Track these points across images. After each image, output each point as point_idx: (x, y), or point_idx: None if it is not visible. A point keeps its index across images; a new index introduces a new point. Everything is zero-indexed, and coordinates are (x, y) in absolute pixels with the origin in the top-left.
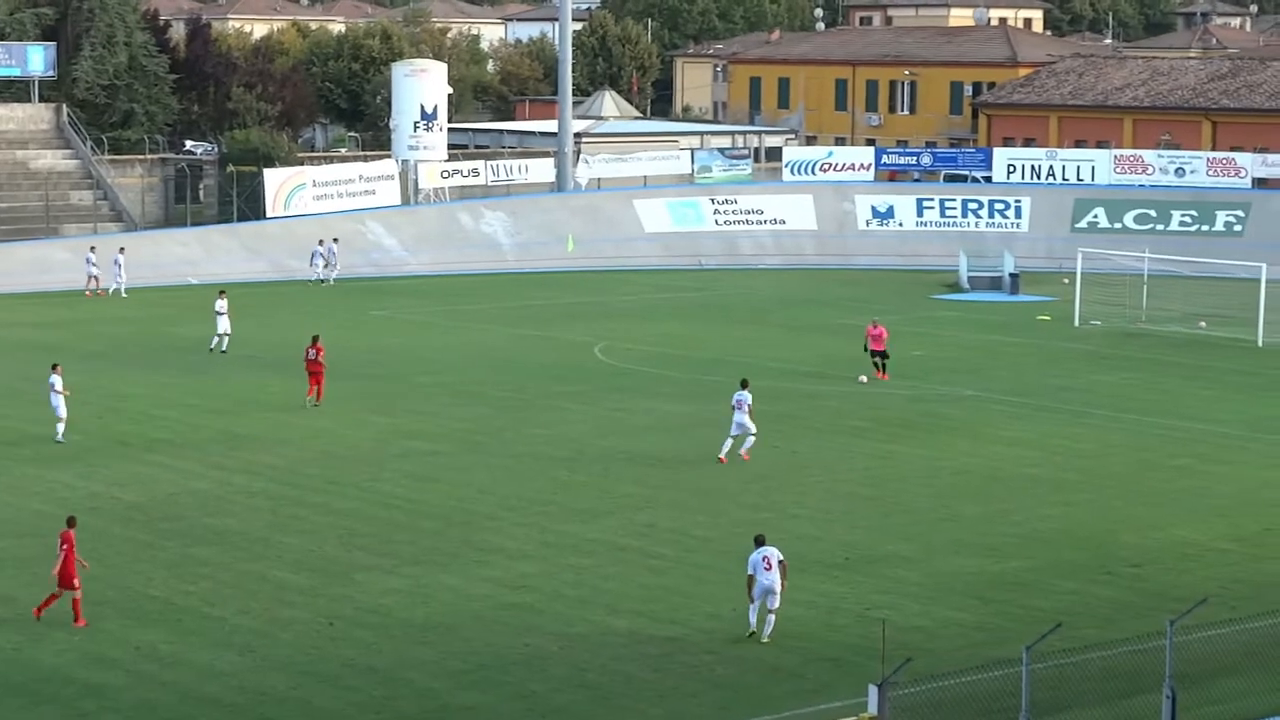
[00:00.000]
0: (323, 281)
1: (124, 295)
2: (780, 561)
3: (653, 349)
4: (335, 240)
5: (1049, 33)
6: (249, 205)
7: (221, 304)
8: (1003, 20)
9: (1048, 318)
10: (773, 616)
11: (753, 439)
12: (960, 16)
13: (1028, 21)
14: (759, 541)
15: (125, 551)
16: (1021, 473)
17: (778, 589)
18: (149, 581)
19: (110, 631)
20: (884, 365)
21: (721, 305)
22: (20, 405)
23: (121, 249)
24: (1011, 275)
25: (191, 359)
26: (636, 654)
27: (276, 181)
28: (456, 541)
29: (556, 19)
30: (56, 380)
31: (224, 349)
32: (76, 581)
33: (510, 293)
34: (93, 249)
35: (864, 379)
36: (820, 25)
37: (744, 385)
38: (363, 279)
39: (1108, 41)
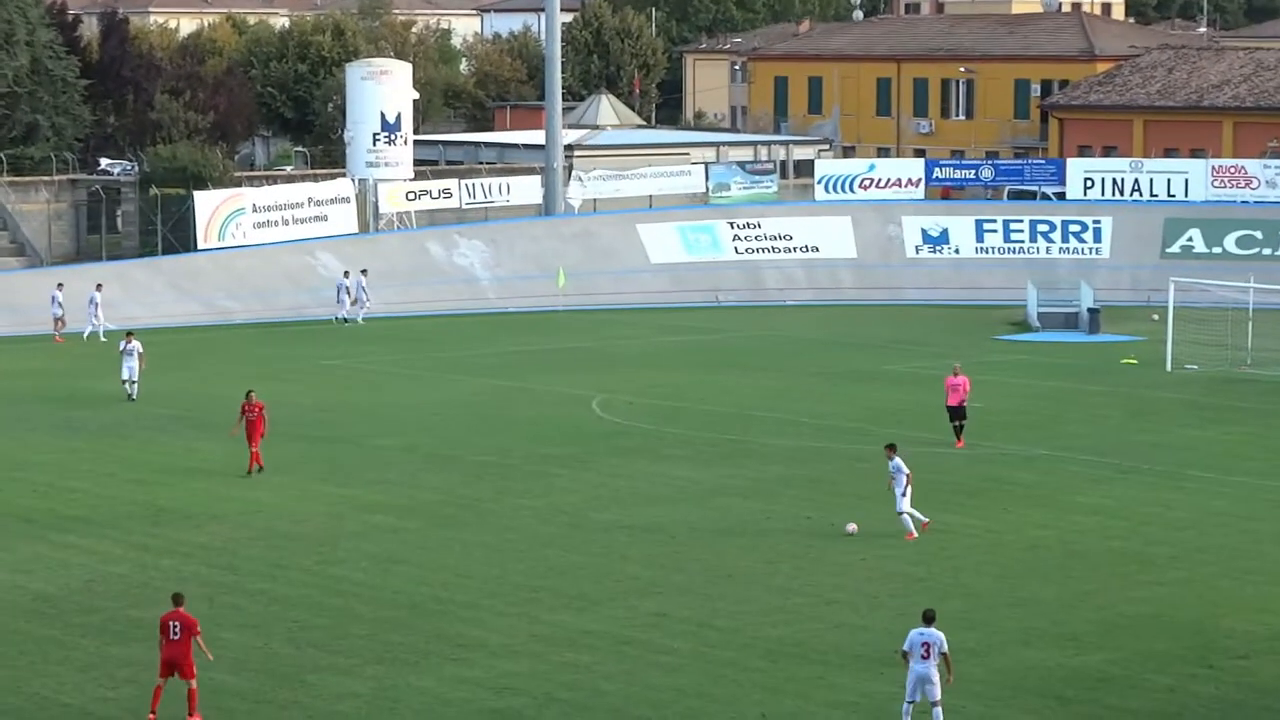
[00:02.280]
0: (347, 320)
1: (102, 339)
2: (943, 653)
3: (661, 402)
4: (364, 273)
5: (1132, 20)
6: (176, 235)
7: (128, 345)
8: (1076, 6)
9: (1134, 361)
10: (938, 710)
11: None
12: (1026, 3)
13: (1106, 8)
14: (927, 619)
15: (31, 651)
16: (1105, 547)
17: (936, 679)
18: (61, 686)
19: None
20: (960, 429)
21: (743, 350)
22: None
23: (99, 285)
24: (1090, 311)
25: (106, 419)
26: None
27: (209, 206)
28: (428, 635)
29: (542, 9)
30: None
31: (131, 397)
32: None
33: (490, 337)
34: (60, 286)
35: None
36: (858, 14)
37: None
38: (312, 321)
39: (1202, 30)
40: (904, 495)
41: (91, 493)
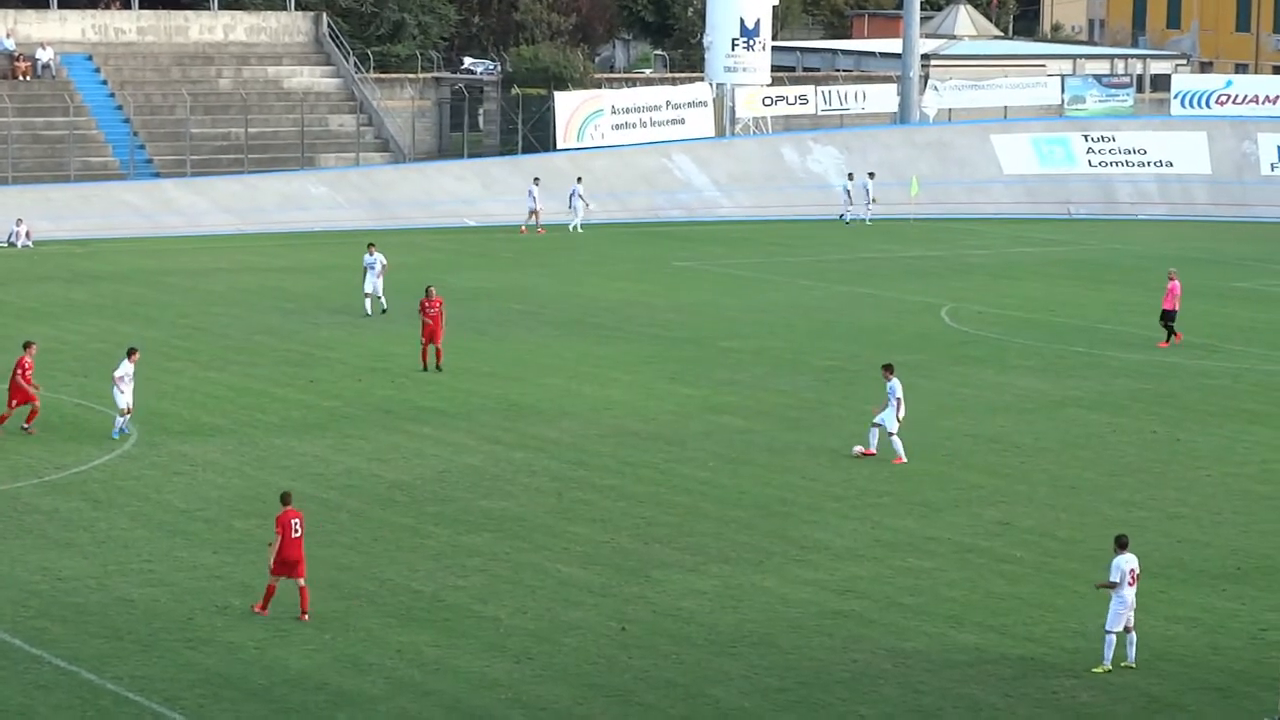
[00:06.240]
0: (854, 221)
1: (580, 231)
2: (1135, 574)
3: (1010, 313)
4: (871, 175)
5: None
6: (536, 135)
7: (371, 258)
8: None
9: None
10: (1133, 635)
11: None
12: None
13: None
14: (1121, 544)
15: (386, 538)
16: None
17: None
18: (413, 573)
19: (368, 630)
20: (1171, 330)
21: (1094, 262)
22: (266, 364)
23: (579, 179)
24: None
25: (463, 314)
26: (983, 675)
27: (569, 107)
28: (772, 536)
29: None
30: (126, 370)
31: (383, 309)
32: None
33: (841, 242)
34: (536, 180)
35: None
36: None
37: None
38: (667, 223)
39: None
40: (895, 418)
41: (447, 385)
